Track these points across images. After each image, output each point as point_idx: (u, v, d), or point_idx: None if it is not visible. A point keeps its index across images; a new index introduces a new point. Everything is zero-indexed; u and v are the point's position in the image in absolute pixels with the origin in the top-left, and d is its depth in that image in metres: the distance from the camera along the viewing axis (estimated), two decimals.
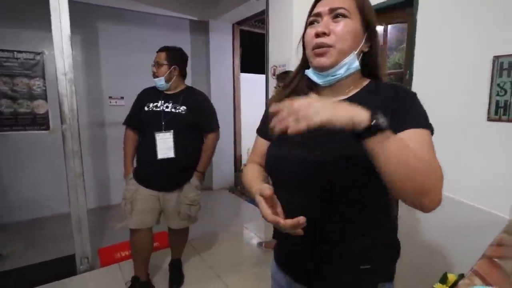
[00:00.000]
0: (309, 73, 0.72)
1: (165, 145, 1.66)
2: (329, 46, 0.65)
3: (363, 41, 0.68)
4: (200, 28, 3.97)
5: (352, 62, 0.67)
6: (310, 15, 0.71)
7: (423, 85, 1.76)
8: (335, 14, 0.66)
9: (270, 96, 2.90)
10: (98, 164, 3.46)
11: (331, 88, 0.71)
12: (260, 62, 4.75)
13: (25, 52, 3.00)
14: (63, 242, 2.54)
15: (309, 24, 0.71)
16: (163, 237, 2.32)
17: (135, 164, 1.83)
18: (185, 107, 1.73)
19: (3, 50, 2.90)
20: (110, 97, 3.46)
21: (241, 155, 4.38)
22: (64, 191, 2.93)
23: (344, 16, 0.65)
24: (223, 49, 4.05)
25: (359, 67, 0.69)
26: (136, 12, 3.51)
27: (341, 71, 0.67)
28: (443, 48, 1.80)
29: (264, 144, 0.83)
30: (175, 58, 1.77)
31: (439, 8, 1.80)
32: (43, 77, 3.08)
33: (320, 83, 0.71)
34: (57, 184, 3.09)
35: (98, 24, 3.34)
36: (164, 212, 1.82)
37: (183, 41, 3.83)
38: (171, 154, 1.67)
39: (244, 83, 4.31)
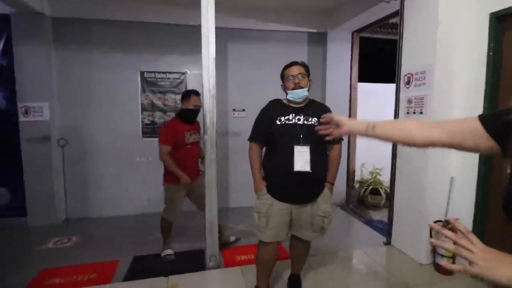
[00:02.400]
0: None
1: (302, 158, 1.64)
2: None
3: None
4: (318, 39, 3.94)
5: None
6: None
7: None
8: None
9: (400, 107, 2.56)
10: (220, 170, 3.83)
11: None
12: (381, 70, 4.36)
13: (174, 72, 3.65)
14: (193, 237, 2.90)
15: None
16: (281, 249, 2.33)
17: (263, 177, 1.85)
18: (316, 119, 1.70)
19: (159, 72, 3.61)
20: (233, 110, 3.82)
21: (354, 171, 4.08)
22: None
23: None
24: (340, 58, 3.90)
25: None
26: (257, 30, 3.78)
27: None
28: None
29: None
30: (308, 71, 1.78)
31: None
32: None
33: None
34: None
35: (227, 45, 3.76)
36: (295, 224, 1.80)
37: (301, 54, 3.88)
38: (307, 167, 1.64)
39: (361, 93, 4.02)
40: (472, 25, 2.17)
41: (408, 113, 2.46)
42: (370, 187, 3.91)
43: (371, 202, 3.88)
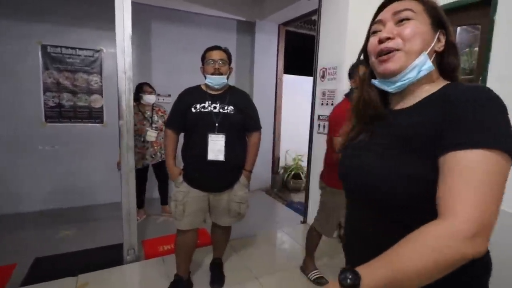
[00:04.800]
0: (376, 82, 0.68)
1: (215, 147, 1.66)
2: (395, 49, 0.61)
3: (434, 40, 0.62)
4: (247, 28, 3.98)
5: (423, 63, 0.61)
6: (372, 24, 0.68)
7: (501, 92, 1.57)
8: (400, 18, 0.62)
9: (316, 98, 2.80)
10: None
11: (401, 94, 0.66)
12: (303, 64, 4.67)
13: (86, 49, 3.22)
14: (110, 230, 2.69)
15: (371, 33, 0.68)
16: (202, 236, 2.35)
17: (180, 165, 1.83)
18: (232, 107, 1.73)
19: (67, 47, 3.14)
20: (158, 95, 3.59)
21: (279, 158, 4.33)
22: (112, 182, 3.14)
23: (408, 19, 0.61)
24: (267, 49, 4.03)
25: (432, 68, 0.62)
26: (187, 12, 3.61)
27: (411, 74, 0.61)
28: None
29: None
30: (230, 58, 1.79)
31: None
32: (100, 73, 3.29)
33: (390, 90, 0.66)
34: (107, 175, 3.28)
35: (151, 24, 3.49)
36: (212, 211, 1.83)
37: (229, 41, 3.87)
38: (221, 157, 1.67)
39: (285, 84, 4.25)
40: None
41: (322, 104, 2.72)
42: (293, 172, 4.22)
43: (293, 186, 4.20)
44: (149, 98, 2.86)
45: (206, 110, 1.70)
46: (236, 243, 2.50)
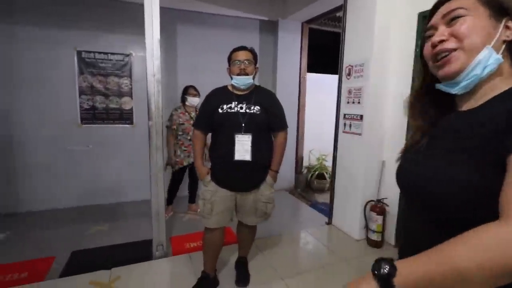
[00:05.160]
0: (440, 86, 0.65)
1: (242, 147, 1.67)
2: (452, 49, 0.58)
3: (499, 31, 0.57)
4: (270, 27, 3.98)
5: (488, 58, 0.56)
6: (425, 30, 0.66)
7: None
8: (451, 18, 0.59)
9: (342, 97, 2.74)
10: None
11: (469, 94, 0.62)
12: (327, 62, 4.59)
13: (117, 53, 3.37)
14: (139, 227, 2.81)
15: (426, 39, 0.66)
16: (228, 234, 2.38)
17: (208, 165, 1.87)
18: (258, 107, 1.73)
19: (100, 52, 3.31)
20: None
21: (302, 157, 4.29)
22: (141, 181, 3.27)
23: (460, 16, 0.58)
24: (291, 48, 4.00)
25: (501, 60, 0.57)
26: (210, 14, 3.67)
27: (476, 72, 0.57)
28: None
29: None
30: (256, 58, 1.80)
31: None
32: (130, 76, 3.44)
33: (456, 92, 0.62)
34: (136, 174, 3.43)
35: (176, 27, 3.59)
36: (239, 210, 1.85)
37: (252, 41, 3.89)
38: (247, 157, 1.68)
39: (309, 83, 4.20)
40: (404, 23, 2.38)
41: (348, 102, 2.65)
42: (317, 172, 4.16)
43: (317, 186, 4.14)
44: (193, 100, 3.01)
45: (233, 110, 1.71)
46: (261, 243, 2.51)
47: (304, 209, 3.59)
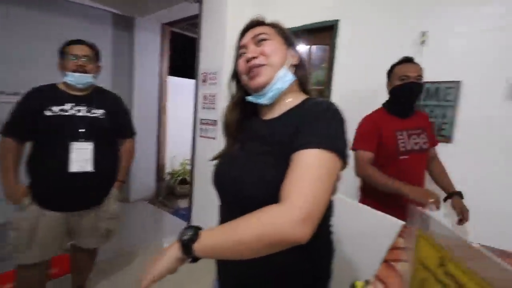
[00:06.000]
0: (250, 98, 0.77)
1: (82, 156, 1.39)
2: (262, 65, 0.72)
3: (289, 55, 0.76)
4: (125, 24, 3.62)
5: (286, 74, 0.73)
6: (237, 49, 0.79)
7: (340, 103, 1.95)
8: (258, 40, 0.74)
9: (198, 102, 2.80)
10: None
11: (270, 107, 0.76)
12: (190, 66, 4.60)
13: None
14: None
15: (238, 57, 0.78)
16: (61, 262, 1.93)
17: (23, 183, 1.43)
18: (103, 111, 1.51)
19: None
20: (1, 92, 2.81)
21: (164, 164, 4.10)
22: None
23: (265, 39, 0.74)
24: (150, 49, 3.76)
25: (294, 78, 0.74)
26: None
27: (278, 85, 0.72)
28: (358, 71, 2.04)
29: None
30: (98, 54, 1.57)
31: (354, 34, 2.06)
32: None
33: (265, 103, 0.74)
34: None
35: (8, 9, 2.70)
36: (75, 233, 1.52)
37: (104, 36, 3.42)
38: (88, 167, 1.41)
39: (171, 86, 4.08)
40: None
41: (204, 108, 2.73)
42: (180, 177, 4.07)
43: (180, 192, 4.05)
44: None
45: (67, 113, 1.41)
46: (107, 264, 2.17)
47: (165, 217, 3.41)
